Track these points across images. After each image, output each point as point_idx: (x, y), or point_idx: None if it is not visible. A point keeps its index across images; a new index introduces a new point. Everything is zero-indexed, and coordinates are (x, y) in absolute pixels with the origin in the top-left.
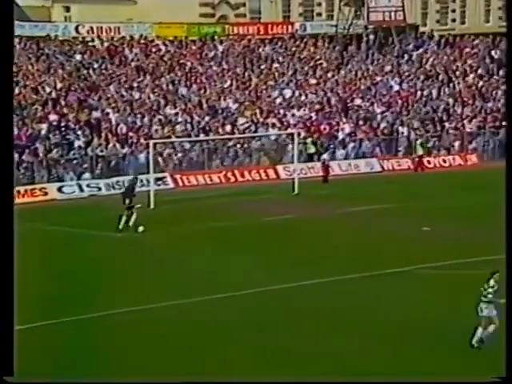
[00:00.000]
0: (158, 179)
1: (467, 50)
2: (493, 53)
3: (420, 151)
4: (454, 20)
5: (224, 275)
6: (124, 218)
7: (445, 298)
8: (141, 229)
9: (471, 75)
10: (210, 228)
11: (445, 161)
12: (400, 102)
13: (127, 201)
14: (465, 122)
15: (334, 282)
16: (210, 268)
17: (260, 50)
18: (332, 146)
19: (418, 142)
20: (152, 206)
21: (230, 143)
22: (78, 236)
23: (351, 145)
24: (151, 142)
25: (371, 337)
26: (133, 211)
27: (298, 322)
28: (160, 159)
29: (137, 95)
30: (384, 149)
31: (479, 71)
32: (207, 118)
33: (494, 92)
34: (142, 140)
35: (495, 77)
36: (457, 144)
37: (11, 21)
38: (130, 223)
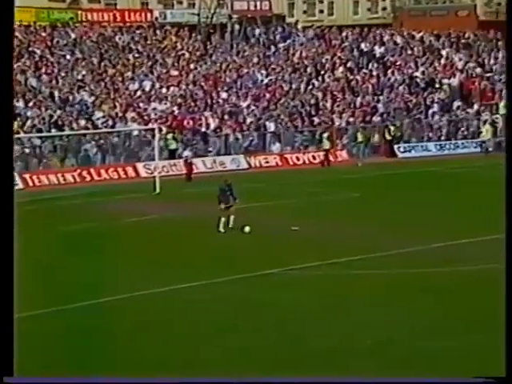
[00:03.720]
0: None
1: (335, 42)
2: (362, 45)
3: (326, 145)
4: (321, 11)
5: (83, 283)
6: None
7: (314, 299)
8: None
9: (340, 68)
10: (64, 232)
11: (314, 157)
12: (267, 95)
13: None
14: (334, 116)
15: (202, 286)
16: (66, 276)
17: (117, 38)
18: (195, 142)
19: (325, 135)
20: None
21: (86, 139)
22: None
23: (216, 140)
24: None
25: (242, 340)
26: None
27: (167, 328)
28: None
29: None
30: (251, 145)
31: (348, 64)
32: (59, 112)
33: (364, 86)
34: None
35: (364, 70)
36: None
37: (11, 21)
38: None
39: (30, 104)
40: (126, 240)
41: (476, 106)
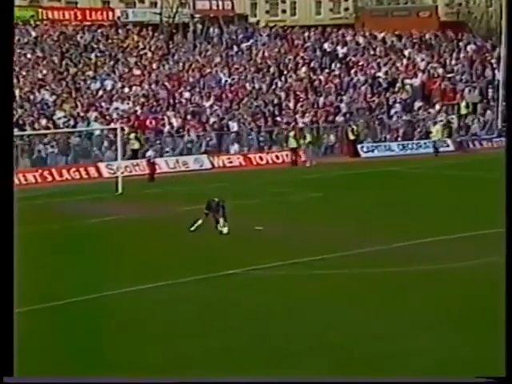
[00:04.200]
0: None
1: (298, 42)
2: (324, 45)
3: (293, 144)
4: (284, 11)
5: (45, 285)
6: None
7: (276, 299)
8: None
9: (303, 68)
10: (25, 233)
11: (277, 157)
12: (230, 95)
13: None
14: (297, 116)
15: (164, 287)
16: (27, 278)
17: (78, 37)
18: (158, 142)
19: (291, 134)
20: None
21: (47, 139)
22: None
23: (179, 140)
24: None
25: (205, 340)
26: None
27: (134, 328)
28: None
29: None
30: (214, 144)
31: (311, 64)
32: (20, 111)
33: (327, 86)
34: None
35: (327, 70)
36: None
37: (11, 20)
38: None
39: None
40: (88, 241)
41: (438, 106)
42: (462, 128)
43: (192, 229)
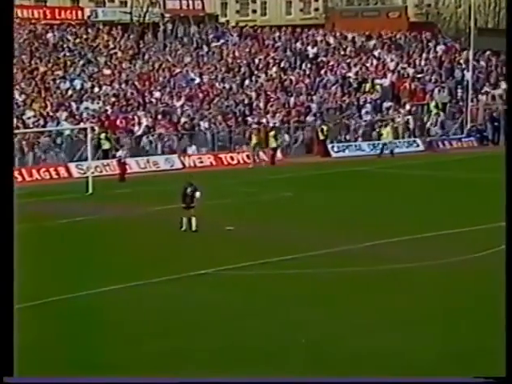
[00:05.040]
0: None
1: (269, 42)
2: (295, 45)
3: (273, 144)
4: (254, 11)
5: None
6: None
7: (247, 299)
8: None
9: (274, 68)
10: None
11: (249, 157)
12: (201, 95)
13: None
14: (268, 116)
15: (135, 287)
16: None
17: (48, 36)
18: (129, 142)
19: (271, 134)
20: None
21: (16, 139)
22: None
23: (150, 140)
24: None
25: (176, 340)
26: None
27: (105, 328)
28: None
29: None
30: (184, 144)
31: (282, 64)
32: None
33: (297, 86)
34: None
35: (298, 70)
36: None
37: (11, 20)
38: None
39: None
40: (58, 242)
41: (408, 107)
42: (431, 128)
43: (183, 228)
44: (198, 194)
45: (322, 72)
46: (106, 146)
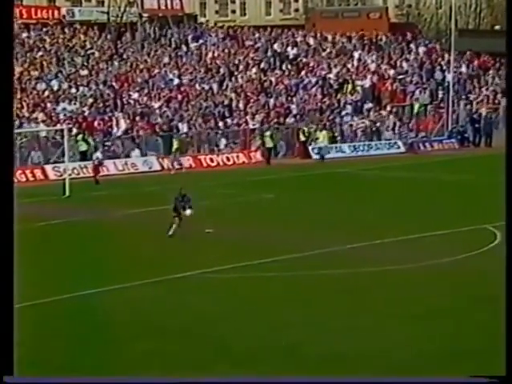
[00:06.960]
0: None
1: (248, 42)
2: (275, 46)
3: (270, 143)
4: (233, 11)
5: None
6: None
7: (228, 302)
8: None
9: (253, 69)
10: None
11: (228, 158)
12: (179, 96)
13: None
14: (247, 117)
15: (115, 291)
16: None
17: (23, 35)
18: (107, 143)
19: (267, 133)
20: None
21: None
22: None
23: (127, 142)
24: None
25: (157, 343)
26: None
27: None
28: None
29: None
30: (163, 146)
31: (261, 65)
32: None
33: (277, 87)
34: None
35: (277, 71)
36: (240, 141)
37: (11, 20)
38: None
39: None
40: (34, 245)
41: (388, 108)
42: (412, 129)
43: (170, 233)
44: (188, 212)
45: (303, 73)
46: (83, 147)
